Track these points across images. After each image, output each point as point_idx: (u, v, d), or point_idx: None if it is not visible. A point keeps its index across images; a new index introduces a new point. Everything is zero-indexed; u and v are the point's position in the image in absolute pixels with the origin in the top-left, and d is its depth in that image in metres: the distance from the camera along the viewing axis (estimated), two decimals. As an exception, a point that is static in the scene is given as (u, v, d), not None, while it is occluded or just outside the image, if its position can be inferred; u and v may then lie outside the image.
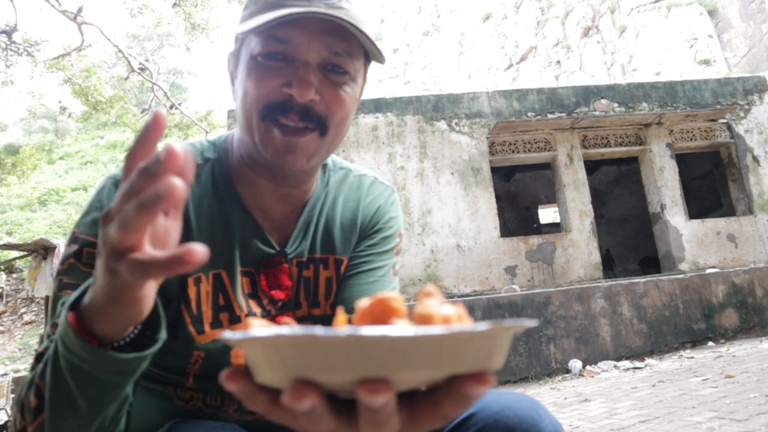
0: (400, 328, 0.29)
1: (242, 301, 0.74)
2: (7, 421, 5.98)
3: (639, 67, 24.78)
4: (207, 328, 0.72)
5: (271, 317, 0.76)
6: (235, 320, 0.74)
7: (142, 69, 12.79)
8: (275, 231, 0.79)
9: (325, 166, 0.86)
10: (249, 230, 0.75)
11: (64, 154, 31.90)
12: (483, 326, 0.29)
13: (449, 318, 0.32)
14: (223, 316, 0.73)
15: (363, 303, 0.33)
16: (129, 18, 12.97)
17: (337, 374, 0.30)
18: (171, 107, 14.10)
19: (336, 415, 0.33)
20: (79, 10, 10.35)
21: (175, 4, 12.21)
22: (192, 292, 0.71)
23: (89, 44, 11.96)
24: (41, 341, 0.65)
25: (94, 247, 0.64)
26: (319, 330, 0.28)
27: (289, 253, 0.78)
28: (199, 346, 0.71)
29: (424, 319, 0.32)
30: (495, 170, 9.85)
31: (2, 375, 8.73)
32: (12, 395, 5.48)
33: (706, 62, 21.63)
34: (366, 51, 0.72)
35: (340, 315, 0.35)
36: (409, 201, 8.77)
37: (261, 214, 0.78)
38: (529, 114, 9.18)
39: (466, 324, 0.31)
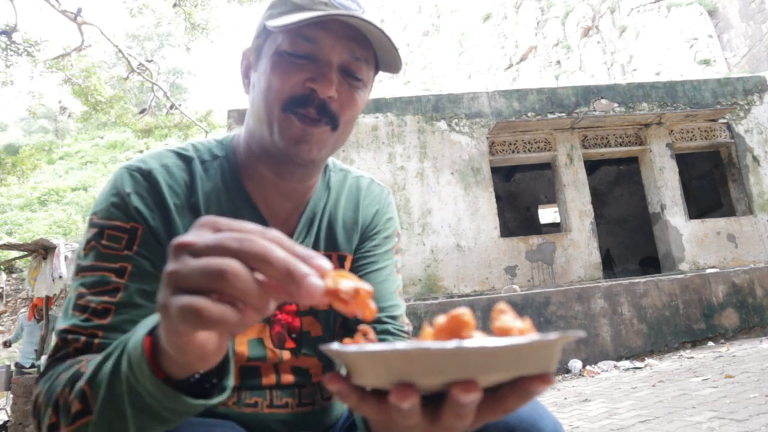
0: (492, 340, 0.35)
1: None
2: (6, 421, 5.98)
3: (639, 67, 24.78)
4: None
5: (278, 309, 0.79)
6: None
7: (142, 69, 12.79)
8: (280, 228, 0.81)
9: (326, 166, 0.89)
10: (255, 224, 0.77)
11: (64, 154, 31.90)
12: (553, 336, 0.35)
13: (523, 330, 0.38)
14: None
15: (440, 319, 0.39)
16: (129, 18, 12.97)
17: (436, 378, 0.36)
18: (171, 107, 14.10)
19: (422, 410, 0.39)
20: (79, 11, 10.35)
21: (175, 4, 12.21)
22: None
23: (89, 44, 11.95)
24: (61, 333, 0.63)
25: (116, 230, 0.68)
26: (429, 344, 0.34)
27: None
28: None
29: (504, 332, 0.38)
30: (495, 170, 9.85)
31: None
32: (12, 395, 5.48)
33: (706, 62, 21.63)
34: (376, 61, 0.77)
35: (426, 329, 0.40)
36: (409, 201, 8.77)
37: (267, 210, 0.80)
38: (529, 114, 9.18)
39: (538, 334, 0.36)
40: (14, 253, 9.94)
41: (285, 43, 0.71)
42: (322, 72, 0.70)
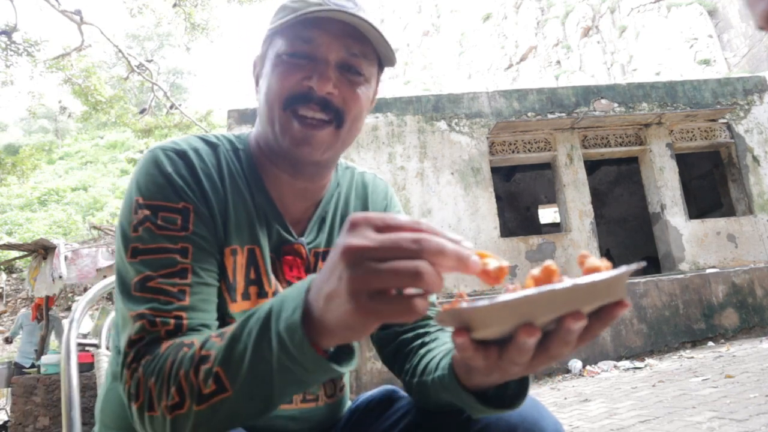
0: (594, 276, 0.42)
1: (272, 278, 0.79)
2: (6, 421, 5.98)
3: (639, 67, 24.78)
4: (238, 297, 0.76)
5: None
6: (263, 295, 0.78)
7: (143, 69, 12.79)
8: (293, 225, 0.84)
9: (336, 166, 0.93)
10: (272, 217, 0.81)
11: (64, 154, 31.90)
12: (632, 266, 0.43)
13: (608, 266, 0.45)
14: (252, 289, 0.77)
15: (534, 271, 0.46)
16: (129, 18, 12.96)
17: (553, 314, 0.44)
18: (171, 107, 14.10)
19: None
20: (78, 12, 10.35)
21: (175, 5, 12.21)
22: (229, 261, 0.75)
23: (89, 44, 11.95)
24: (140, 316, 0.64)
25: (169, 210, 0.69)
26: (551, 286, 0.41)
27: (306, 243, 0.84)
28: (231, 313, 0.75)
29: (593, 269, 0.45)
30: (495, 170, 9.84)
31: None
32: (12, 395, 5.47)
33: (706, 62, 21.63)
34: (379, 57, 0.79)
35: (529, 279, 0.46)
36: (409, 201, 8.77)
37: (282, 207, 0.83)
38: (529, 114, 9.18)
39: (620, 268, 0.43)
40: (14, 253, 9.94)
41: (284, 46, 0.75)
42: (319, 69, 0.73)
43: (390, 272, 0.40)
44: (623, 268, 0.43)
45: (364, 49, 0.75)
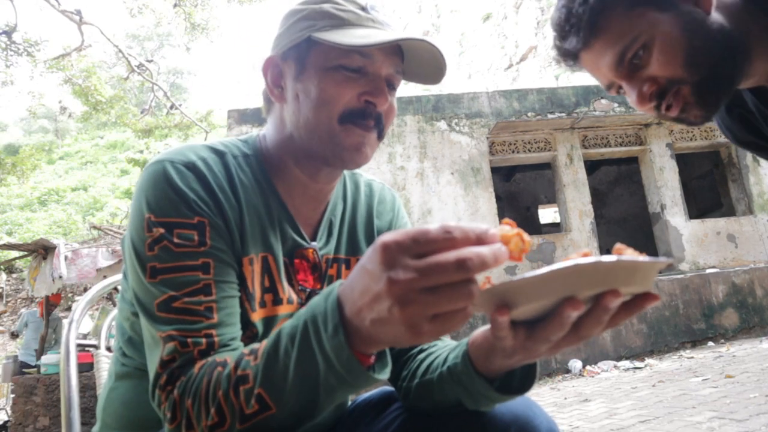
0: (636, 256, 0.44)
1: (286, 285, 0.79)
2: (6, 421, 5.98)
3: (639, 67, 24.74)
4: (257, 306, 0.75)
5: (301, 305, 0.81)
6: (278, 302, 0.78)
7: (143, 69, 12.78)
8: (304, 228, 0.84)
9: None
10: (285, 221, 0.81)
11: (64, 154, 31.90)
12: (664, 258, 0.45)
13: (643, 254, 0.46)
14: (268, 297, 0.77)
15: (572, 256, 0.46)
16: (129, 18, 12.97)
17: (594, 289, 0.45)
18: (171, 107, 14.09)
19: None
20: (78, 12, 10.34)
21: (175, 5, 12.21)
22: (247, 271, 0.75)
23: (89, 44, 11.95)
24: (164, 343, 0.64)
25: (184, 227, 0.68)
26: (597, 258, 0.42)
27: (318, 247, 0.84)
28: (253, 322, 0.75)
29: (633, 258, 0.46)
30: (495, 170, 9.84)
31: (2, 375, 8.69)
32: (12, 395, 5.47)
33: (706, 62, 21.62)
34: None
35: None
36: (410, 201, 8.77)
37: (293, 209, 0.83)
38: (529, 114, 9.18)
39: (657, 258, 0.45)
40: (14, 253, 9.94)
41: (339, 57, 0.74)
42: (378, 87, 0.75)
43: (445, 299, 0.42)
44: (659, 258, 0.45)
45: (401, 67, 0.79)
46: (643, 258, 0.44)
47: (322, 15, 0.75)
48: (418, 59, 0.78)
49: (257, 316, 0.75)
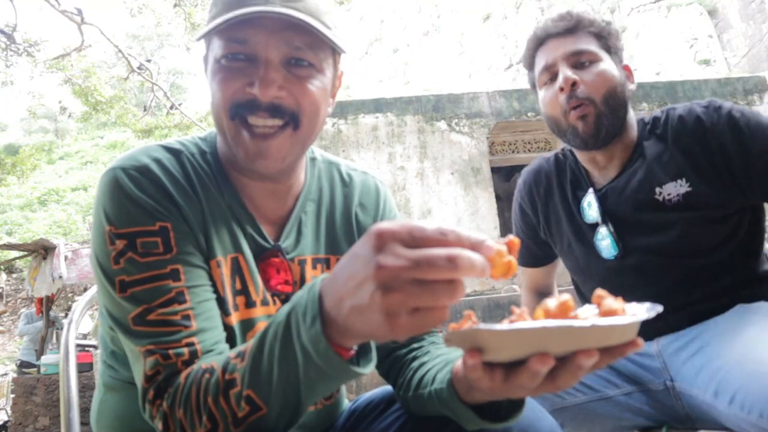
0: (614, 319, 0.44)
1: (259, 285, 0.75)
2: (6, 421, 5.97)
3: (639, 67, 24.76)
4: (231, 310, 0.73)
5: (278, 309, 0.78)
6: (251, 304, 0.74)
7: (143, 69, 12.79)
8: (268, 226, 0.80)
9: (313, 159, 0.87)
10: (247, 221, 0.77)
11: (64, 154, 31.89)
12: (646, 315, 0.45)
13: (624, 310, 0.47)
14: (240, 300, 0.74)
15: (550, 303, 0.46)
16: (129, 18, 12.97)
17: (567, 348, 0.45)
18: (171, 107, 14.09)
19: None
20: (79, 11, 10.34)
21: (175, 5, 12.22)
22: (216, 274, 0.72)
23: (89, 44, 11.95)
24: (144, 358, 0.59)
25: (146, 235, 0.65)
26: (570, 322, 0.42)
27: (284, 248, 0.79)
28: (229, 326, 0.72)
29: (611, 312, 0.46)
30: (495, 170, 9.84)
31: (2, 375, 8.72)
32: (12, 395, 5.47)
33: (706, 62, 21.62)
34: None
35: (539, 310, 0.46)
36: (410, 201, 8.77)
37: (254, 209, 0.78)
38: (529, 114, 9.18)
39: (636, 315, 0.45)
40: (14, 253, 9.94)
41: (219, 49, 0.69)
42: (260, 74, 0.67)
43: (428, 293, 0.41)
44: (640, 316, 0.45)
45: (309, 39, 0.68)
46: (621, 321, 0.43)
47: (212, 4, 0.71)
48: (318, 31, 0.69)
49: (233, 320, 0.72)
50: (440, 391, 0.64)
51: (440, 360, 0.72)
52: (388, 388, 0.84)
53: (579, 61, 1.15)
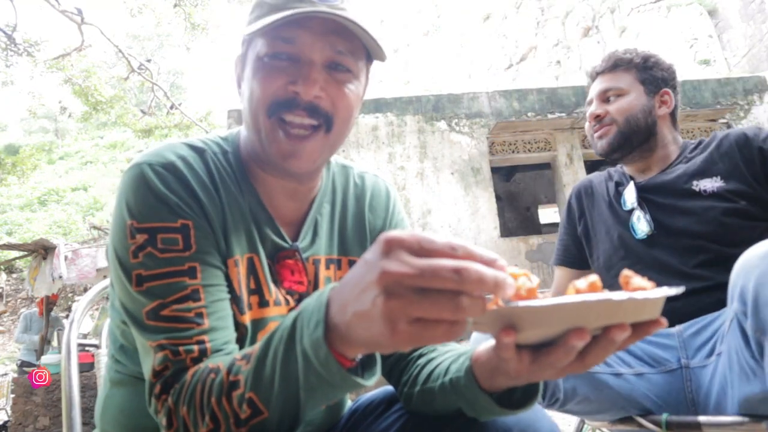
0: (647, 292, 0.45)
1: (272, 286, 0.76)
2: (6, 421, 5.97)
3: (639, 67, 24.72)
4: (245, 309, 0.73)
5: (290, 309, 0.78)
6: (264, 304, 0.75)
7: (143, 69, 12.79)
8: (286, 226, 0.81)
9: (328, 163, 0.88)
10: (265, 221, 0.78)
11: (64, 154, 31.89)
12: (672, 290, 0.45)
13: (652, 285, 0.47)
14: (253, 299, 0.75)
15: (580, 284, 0.47)
16: (129, 18, 12.97)
17: (601, 323, 0.46)
18: (171, 107, 14.09)
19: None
20: (79, 11, 10.35)
21: (175, 5, 12.22)
22: (233, 273, 0.72)
23: (89, 44, 11.95)
24: (155, 353, 0.61)
25: (168, 231, 0.66)
26: (608, 295, 0.43)
27: (301, 248, 0.80)
28: (243, 324, 0.73)
29: (641, 289, 0.47)
30: (495, 170, 9.84)
31: (2, 375, 8.73)
32: (12, 395, 5.47)
33: (706, 62, 21.63)
34: (368, 51, 0.75)
35: (571, 288, 0.47)
36: (410, 201, 8.77)
37: (273, 210, 0.79)
38: (529, 114, 9.18)
39: (660, 289, 0.46)
40: (14, 253, 9.94)
41: (264, 47, 0.70)
42: (304, 73, 0.68)
43: (429, 303, 0.40)
44: (668, 290, 0.46)
45: (351, 45, 0.71)
46: (653, 294, 0.45)
47: (258, 5, 0.72)
48: (362, 36, 0.71)
49: (246, 319, 0.73)
50: (457, 380, 0.65)
51: (451, 353, 0.72)
52: (389, 388, 0.85)
53: (606, 96, 1.45)
